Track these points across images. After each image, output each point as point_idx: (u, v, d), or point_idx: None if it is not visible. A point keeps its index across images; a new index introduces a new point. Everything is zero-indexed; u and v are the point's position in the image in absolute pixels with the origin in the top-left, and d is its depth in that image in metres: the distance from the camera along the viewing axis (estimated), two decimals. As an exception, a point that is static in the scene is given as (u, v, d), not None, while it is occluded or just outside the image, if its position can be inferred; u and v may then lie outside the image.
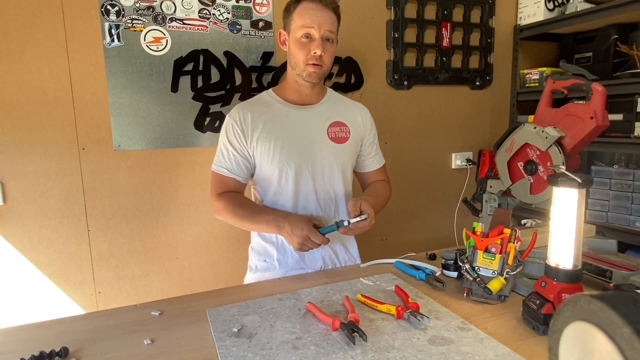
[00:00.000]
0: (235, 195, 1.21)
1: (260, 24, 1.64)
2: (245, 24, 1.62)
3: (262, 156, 1.19)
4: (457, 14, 2.01)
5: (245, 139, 1.19)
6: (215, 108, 1.62)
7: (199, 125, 1.60)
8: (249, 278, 1.30)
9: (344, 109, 1.30)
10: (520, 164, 1.05)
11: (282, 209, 1.22)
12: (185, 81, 1.57)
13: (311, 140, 1.21)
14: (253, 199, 1.32)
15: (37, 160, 1.42)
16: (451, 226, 2.16)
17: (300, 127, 1.21)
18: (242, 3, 1.61)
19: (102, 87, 1.47)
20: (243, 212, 1.17)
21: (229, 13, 1.60)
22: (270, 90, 1.28)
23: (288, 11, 1.17)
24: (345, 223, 1.07)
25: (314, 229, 1.06)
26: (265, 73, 1.68)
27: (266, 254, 1.26)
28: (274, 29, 1.67)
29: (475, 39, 2.07)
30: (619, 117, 1.75)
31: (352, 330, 0.76)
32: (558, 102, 1.03)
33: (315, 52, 1.13)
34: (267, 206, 1.24)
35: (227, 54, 1.61)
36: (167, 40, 1.52)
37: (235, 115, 1.20)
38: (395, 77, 1.92)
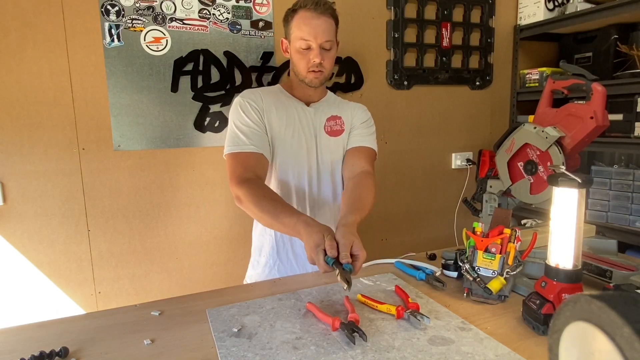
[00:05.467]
0: (260, 183, 1.11)
1: (260, 24, 1.64)
2: (245, 24, 1.62)
3: (275, 144, 1.22)
4: (457, 14, 2.01)
5: (262, 116, 1.20)
6: (215, 108, 1.62)
7: (199, 125, 1.60)
8: (251, 274, 1.33)
9: (341, 105, 1.34)
10: (520, 164, 1.05)
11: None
12: (185, 81, 1.57)
13: (313, 134, 1.26)
14: None
15: (37, 160, 1.42)
16: (451, 226, 2.16)
17: (306, 122, 1.26)
18: (242, 3, 1.61)
19: (102, 87, 1.47)
20: (267, 205, 1.02)
21: (229, 13, 1.60)
22: (279, 85, 1.32)
23: (287, 20, 1.20)
24: (349, 268, 0.88)
25: (322, 252, 0.87)
26: (265, 73, 1.68)
27: (263, 249, 1.29)
28: (274, 29, 1.67)
29: (475, 39, 2.07)
30: (619, 117, 1.75)
31: (352, 330, 0.76)
32: (558, 102, 1.03)
33: (314, 61, 1.16)
34: (291, 206, 1.08)
35: (227, 54, 1.61)
36: (167, 40, 1.52)
37: (250, 95, 1.22)
38: (395, 77, 1.92)
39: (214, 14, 1.57)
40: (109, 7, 1.44)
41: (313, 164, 1.26)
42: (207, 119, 1.61)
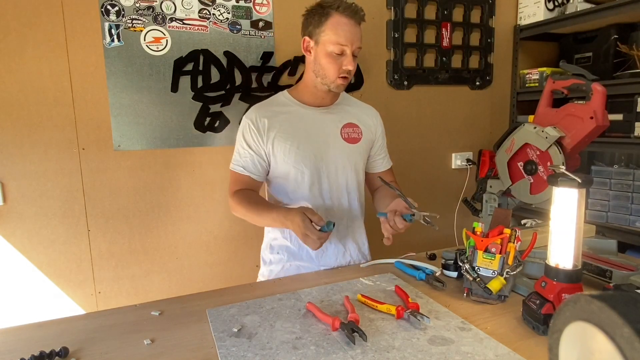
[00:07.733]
0: (248, 192, 1.24)
1: (260, 24, 1.64)
2: (245, 24, 1.62)
3: (278, 156, 1.22)
4: (457, 14, 2.01)
5: (261, 139, 1.22)
6: (215, 108, 1.62)
7: (199, 125, 1.60)
8: (263, 272, 1.32)
9: (356, 110, 1.34)
10: (520, 164, 1.05)
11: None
12: (185, 81, 1.57)
13: (326, 140, 1.24)
14: (267, 198, 1.34)
15: (37, 160, 1.42)
16: (451, 226, 2.16)
17: (316, 128, 1.24)
18: (242, 3, 1.61)
19: (102, 87, 1.47)
20: (253, 207, 1.19)
21: (229, 13, 1.60)
22: (285, 91, 1.31)
23: (317, 21, 1.16)
24: (411, 216, 1.13)
25: (309, 223, 1.02)
26: (265, 73, 1.68)
27: (279, 248, 1.29)
28: (274, 29, 1.67)
29: (475, 39, 2.07)
30: (619, 117, 1.75)
31: (352, 330, 0.76)
32: (558, 102, 1.03)
33: (347, 68, 1.16)
34: (272, 204, 1.26)
35: (227, 54, 1.61)
36: (167, 40, 1.52)
37: (252, 116, 1.23)
38: (395, 77, 1.92)
39: (214, 14, 1.57)
40: (109, 7, 1.44)
41: (323, 172, 1.24)
42: (207, 119, 1.61)
